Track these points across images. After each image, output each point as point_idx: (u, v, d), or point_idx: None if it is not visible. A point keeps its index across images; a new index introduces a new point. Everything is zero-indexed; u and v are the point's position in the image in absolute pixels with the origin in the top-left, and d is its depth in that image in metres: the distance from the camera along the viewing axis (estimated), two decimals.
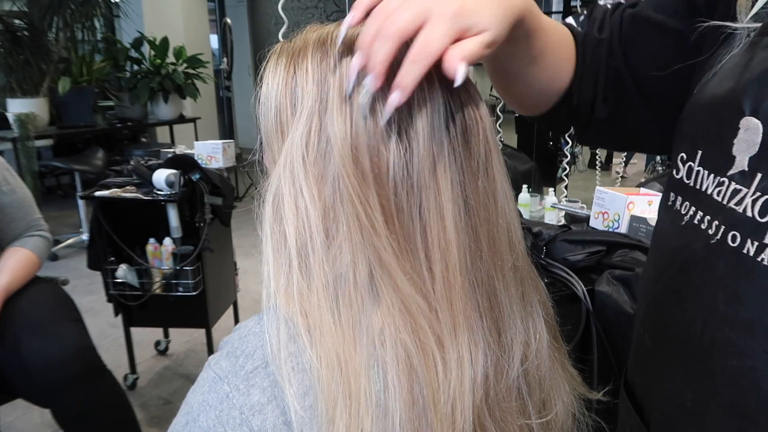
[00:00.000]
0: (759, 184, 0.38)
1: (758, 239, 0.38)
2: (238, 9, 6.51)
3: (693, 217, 0.44)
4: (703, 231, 0.42)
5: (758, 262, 0.38)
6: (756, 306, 0.38)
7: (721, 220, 0.41)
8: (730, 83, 0.41)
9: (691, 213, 0.44)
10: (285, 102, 0.46)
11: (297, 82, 0.45)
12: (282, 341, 0.42)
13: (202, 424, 0.41)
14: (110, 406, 1.45)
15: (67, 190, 4.98)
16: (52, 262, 3.49)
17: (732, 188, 0.40)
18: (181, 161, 1.95)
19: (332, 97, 0.43)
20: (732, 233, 0.40)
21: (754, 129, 0.39)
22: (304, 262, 0.43)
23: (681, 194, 0.46)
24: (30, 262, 1.46)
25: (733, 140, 0.40)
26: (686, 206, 0.45)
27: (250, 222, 0.49)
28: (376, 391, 0.41)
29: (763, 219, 0.37)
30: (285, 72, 0.46)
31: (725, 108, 0.41)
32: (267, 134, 0.48)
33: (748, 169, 0.39)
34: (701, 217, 0.43)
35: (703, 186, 0.43)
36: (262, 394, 0.41)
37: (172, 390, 2.20)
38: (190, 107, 5.09)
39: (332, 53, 0.45)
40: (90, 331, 1.46)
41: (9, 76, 3.77)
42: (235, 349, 0.43)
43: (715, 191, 0.42)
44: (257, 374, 0.41)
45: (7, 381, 1.36)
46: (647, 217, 1.35)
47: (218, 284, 2.13)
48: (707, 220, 0.42)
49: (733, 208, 0.40)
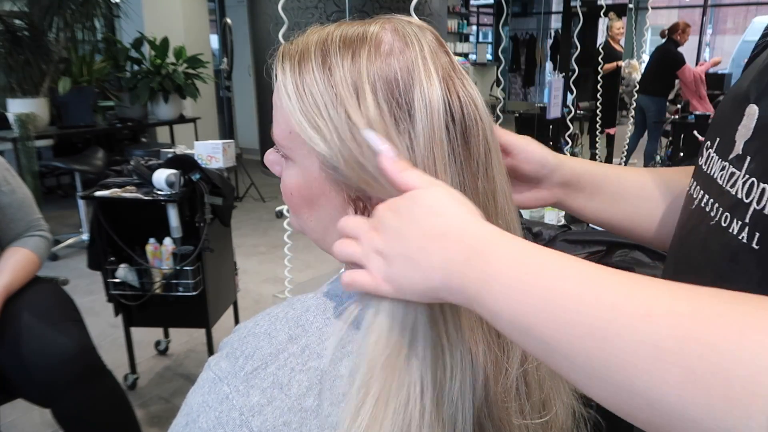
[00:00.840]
0: (748, 167, 0.39)
1: (741, 218, 0.39)
2: (238, 9, 6.50)
3: (701, 200, 0.46)
4: (707, 213, 0.44)
5: (740, 240, 0.39)
6: (738, 285, 0.39)
7: (720, 202, 0.42)
8: (751, 75, 0.43)
9: (700, 197, 0.46)
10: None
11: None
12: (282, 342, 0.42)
13: (201, 425, 0.41)
14: (110, 406, 1.45)
15: (67, 190, 4.98)
16: (52, 262, 3.49)
17: (730, 171, 0.42)
18: (181, 161, 1.95)
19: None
20: (725, 214, 0.41)
21: (752, 115, 0.40)
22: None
23: (697, 180, 0.48)
24: (30, 262, 1.46)
25: (738, 126, 0.42)
26: (697, 190, 0.47)
27: (250, 222, 0.48)
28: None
29: (747, 199, 0.39)
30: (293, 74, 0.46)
31: (740, 97, 0.43)
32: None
33: (742, 153, 0.41)
34: (707, 200, 0.45)
35: (711, 170, 0.45)
36: (262, 395, 0.41)
37: (172, 390, 2.20)
38: (190, 107, 5.09)
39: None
40: (90, 331, 1.46)
41: (9, 76, 3.77)
42: (235, 350, 0.43)
43: (719, 175, 0.43)
44: (257, 375, 0.41)
45: (7, 381, 1.36)
46: None
47: (218, 284, 2.13)
48: (710, 203, 0.44)
49: (728, 191, 0.41)
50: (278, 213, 4.48)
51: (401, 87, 0.43)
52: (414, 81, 0.43)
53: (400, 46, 0.44)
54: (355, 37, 0.45)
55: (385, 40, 0.45)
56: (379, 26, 0.46)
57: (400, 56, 0.44)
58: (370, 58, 0.44)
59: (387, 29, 0.45)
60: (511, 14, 10.41)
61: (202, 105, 5.29)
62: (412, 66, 0.44)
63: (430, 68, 0.44)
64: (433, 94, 0.43)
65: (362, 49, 0.44)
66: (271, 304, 0.58)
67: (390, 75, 0.43)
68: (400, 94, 0.43)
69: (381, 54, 0.44)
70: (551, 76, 10.69)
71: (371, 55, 0.44)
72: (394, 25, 0.46)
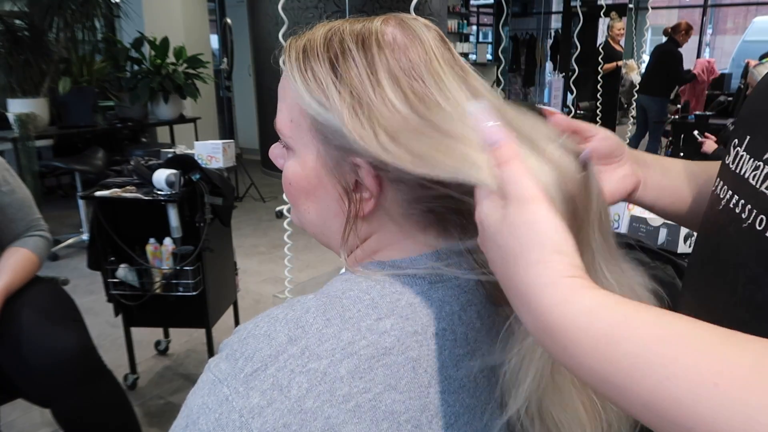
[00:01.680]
0: None
1: None
2: (238, 9, 6.50)
3: (729, 200, 0.44)
4: (737, 215, 0.42)
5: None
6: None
7: (753, 203, 0.41)
8: None
9: (728, 197, 0.45)
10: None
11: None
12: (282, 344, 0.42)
13: (201, 426, 0.41)
14: (110, 406, 1.45)
15: (68, 190, 4.98)
16: (52, 262, 3.49)
17: (765, 171, 0.40)
18: (181, 161, 1.95)
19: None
20: (761, 217, 0.39)
21: None
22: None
23: (723, 178, 0.47)
24: (30, 262, 1.46)
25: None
26: (725, 190, 0.46)
27: (250, 222, 0.49)
28: None
29: None
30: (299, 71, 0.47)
31: None
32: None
33: None
34: (737, 201, 0.43)
35: (742, 170, 0.43)
36: (262, 396, 0.41)
37: (172, 390, 2.20)
38: (190, 107, 5.09)
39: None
40: (90, 331, 1.46)
41: (9, 76, 3.77)
42: (235, 351, 0.43)
43: (751, 175, 0.42)
44: (257, 377, 0.41)
45: (7, 381, 1.36)
46: (647, 217, 1.35)
47: (218, 284, 2.13)
48: (741, 204, 0.42)
49: (764, 192, 0.40)
50: (278, 213, 4.48)
51: (414, 75, 0.44)
52: (423, 71, 0.45)
53: (406, 39, 0.46)
54: (363, 30, 0.46)
55: (390, 32, 0.46)
56: (385, 21, 0.48)
57: (410, 47, 0.45)
58: (380, 48, 0.45)
59: (392, 24, 0.47)
60: (511, 14, 10.41)
61: (202, 105, 5.29)
62: (422, 57, 0.45)
63: (439, 60, 0.46)
64: (451, 83, 0.44)
65: (370, 40, 0.45)
66: (271, 304, 0.58)
67: (402, 64, 0.45)
68: (414, 81, 0.44)
69: (388, 44, 0.45)
70: (551, 76, 10.70)
71: (380, 46, 0.45)
72: (399, 20, 0.48)
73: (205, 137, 4.12)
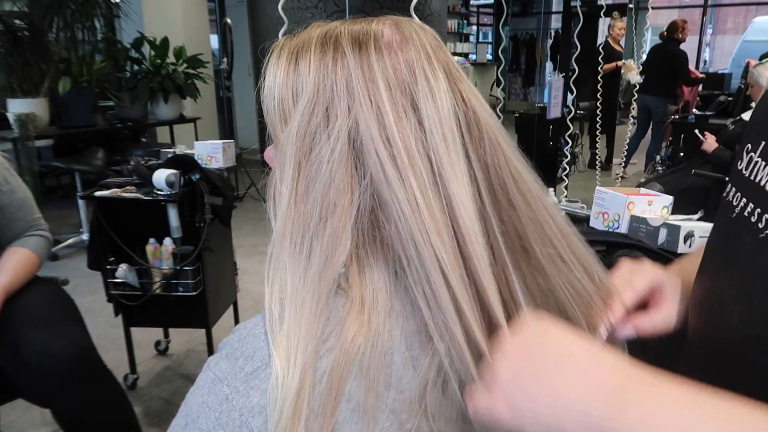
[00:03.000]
0: None
1: None
2: (238, 9, 6.50)
3: (744, 208, 0.43)
4: (753, 224, 0.41)
5: None
6: None
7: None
8: None
9: (742, 204, 0.43)
10: (288, 92, 0.47)
11: (300, 73, 0.46)
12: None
13: (201, 425, 0.41)
14: (110, 406, 1.45)
15: (68, 190, 4.98)
16: (52, 262, 3.49)
17: None
18: (181, 161, 1.95)
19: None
20: None
21: None
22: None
23: (736, 185, 0.45)
24: (30, 261, 1.46)
25: None
26: (738, 197, 0.44)
27: (250, 222, 0.49)
28: None
29: None
30: (287, 63, 0.47)
31: None
32: (272, 125, 0.49)
33: None
34: (752, 209, 0.41)
35: (757, 177, 0.41)
36: (262, 396, 0.41)
37: (172, 390, 2.20)
38: (190, 107, 5.09)
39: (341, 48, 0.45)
40: (90, 331, 1.46)
41: (9, 76, 3.77)
42: (235, 350, 0.43)
43: (767, 183, 0.40)
44: (257, 376, 0.41)
45: (7, 381, 1.36)
46: (647, 217, 1.35)
47: (218, 284, 2.13)
48: (758, 213, 0.40)
49: None
50: None
51: (407, 78, 0.44)
52: (417, 74, 0.44)
53: (401, 39, 0.46)
54: (359, 31, 0.46)
55: (387, 34, 0.46)
56: (381, 23, 0.47)
57: (404, 49, 0.45)
58: (378, 50, 0.45)
59: (388, 25, 0.47)
60: (511, 14, 10.41)
61: (202, 105, 5.29)
62: (414, 60, 0.45)
63: (433, 62, 0.45)
64: (440, 87, 0.44)
65: (367, 41, 0.45)
66: None
67: (395, 66, 0.44)
68: (407, 85, 0.44)
69: (383, 46, 0.45)
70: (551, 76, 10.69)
71: (377, 48, 0.45)
72: (395, 22, 0.48)
73: (205, 137, 4.11)
